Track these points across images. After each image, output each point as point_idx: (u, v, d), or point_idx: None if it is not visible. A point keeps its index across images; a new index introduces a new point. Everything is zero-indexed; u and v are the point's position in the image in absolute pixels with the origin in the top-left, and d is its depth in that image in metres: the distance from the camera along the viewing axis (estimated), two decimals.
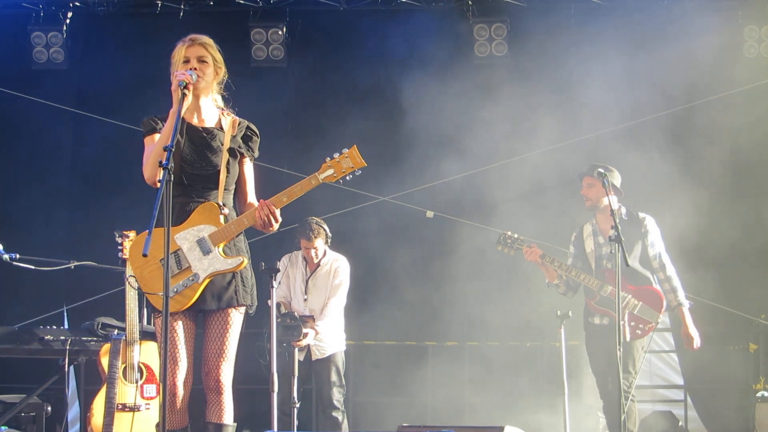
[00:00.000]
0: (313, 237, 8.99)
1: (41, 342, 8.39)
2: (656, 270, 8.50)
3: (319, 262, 9.16)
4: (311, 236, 8.99)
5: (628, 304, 8.34)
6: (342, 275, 9.16)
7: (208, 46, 5.78)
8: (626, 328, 8.36)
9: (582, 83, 10.75)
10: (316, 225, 9.04)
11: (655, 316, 8.36)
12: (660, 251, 8.53)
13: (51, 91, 11.19)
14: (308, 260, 9.17)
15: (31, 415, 8.75)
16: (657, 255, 8.51)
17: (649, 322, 8.35)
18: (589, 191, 8.54)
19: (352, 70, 11.42)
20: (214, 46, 5.81)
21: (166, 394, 5.14)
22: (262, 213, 5.58)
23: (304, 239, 9.04)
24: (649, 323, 8.35)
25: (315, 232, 9.00)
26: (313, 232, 8.99)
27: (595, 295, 8.45)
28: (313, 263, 9.16)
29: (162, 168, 5.01)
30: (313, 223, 9.05)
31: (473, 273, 11.06)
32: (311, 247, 9.04)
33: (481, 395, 10.84)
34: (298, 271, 9.19)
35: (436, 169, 11.13)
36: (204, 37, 5.81)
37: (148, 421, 7.76)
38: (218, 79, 5.85)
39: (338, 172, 5.65)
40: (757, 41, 11.03)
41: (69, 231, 11.43)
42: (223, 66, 5.83)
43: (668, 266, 8.51)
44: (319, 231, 9.03)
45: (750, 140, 10.81)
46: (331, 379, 9.10)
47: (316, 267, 9.17)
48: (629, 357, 8.36)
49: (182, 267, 5.57)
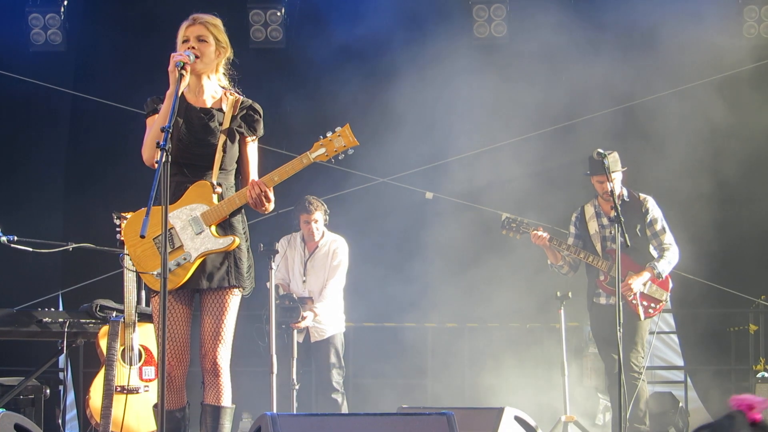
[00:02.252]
0: (313, 209, 9.01)
1: (39, 324, 8.37)
2: (658, 247, 8.53)
3: (318, 243, 9.16)
4: (311, 209, 9.00)
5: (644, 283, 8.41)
6: (341, 256, 9.16)
7: (210, 25, 5.71)
8: (639, 308, 8.39)
9: (581, 63, 10.72)
10: (315, 199, 9.07)
11: (664, 294, 8.45)
12: (662, 228, 8.55)
13: (48, 73, 11.16)
14: (307, 239, 9.16)
15: (29, 397, 8.74)
16: (658, 233, 8.53)
17: (659, 300, 8.46)
18: (603, 186, 8.44)
19: (351, 51, 11.38)
20: (218, 25, 5.74)
21: (164, 373, 5.12)
22: (253, 192, 5.56)
23: (304, 213, 9.05)
24: (660, 302, 8.46)
25: (314, 206, 9.02)
26: (312, 205, 9.01)
27: (605, 276, 8.46)
28: (313, 242, 9.15)
29: (160, 149, 4.98)
30: (311, 197, 9.07)
31: (473, 254, 11.04)
32: (311, 220, 9.05)
33: (481, 377, 10.83)
34: (296, 252, 9.19)
35: (436, 150, 11.11)
36: (206, 16, 5.74)
37: (147, 403, 7.75)
38: (222, 59, 5.80)
39: (330, 151, 5.63)
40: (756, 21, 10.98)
41: (67, 213, 11.41)
42: (227, 46, 5.77)
43: (671, 243, 8.54)
44: (318, 204, 9.06)
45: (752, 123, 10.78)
46: (331, 361, 9.11)
47: (314, 248, 9.16)
48: (638, 336, 8.40)
49: (174, 246, 5.54)
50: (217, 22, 5.75)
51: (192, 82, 5.68)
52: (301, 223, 9.15)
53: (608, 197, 8.36)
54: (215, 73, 5.81)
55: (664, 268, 8.48)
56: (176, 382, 5.66)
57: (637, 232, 8.46)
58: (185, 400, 5.74)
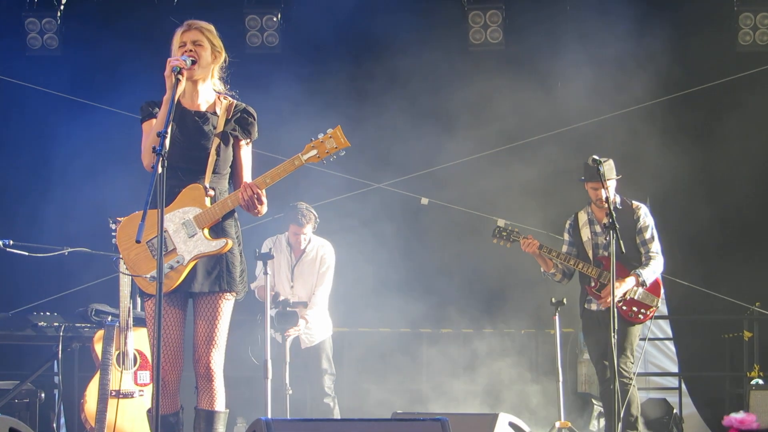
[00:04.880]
0: (305, 222, 8.98)
1: (35, 328, 8.39)
2: (645, 254, 8.54)
3: (305, 248, 9.15)
4: (303, 222, 8.97)
5: (629, 290, 8.40)
6: (329, 261, 9.16)
7: (205, 30, 5.77)
8: (628, 314, 8.40)
9: (577, 70, 10.74)
10: (307, 210, 9.03)
11: (654, 300, 8.45)
12: (651, 237, 8.57)
13: (45, 78, 11.15)
14: (294, 246, 9.14)
15: (24, 401, 8.75)
16: (647, 240, 8.55)
17: (649, 306, 8.45)
18: (597, 193, 8.46)
19: (347, 57, 11.39)
20: (212, 31, 5.80)
21: (159, 376, 5.13)
22: (245, 194, 5.58)
23: (295, 224, 9.02)
24: (650, 307, 8.44)
25: (306, 218, 8.99)
26: (305, 218, 8.98)
27: (595, 283, 8.48)
28: (299, 249, 9.14)
29: (155, 154, 5.00)
30: (304, 208, 9.03)
31: (468, 260, 11.05)
32: (300, 232, 9.03)
33: (476, 383, 10.83)
34: (282, 256, 9.16)
35: (431, 155, 11.11)
36: (201, 22, 5.81)
37: (141, 408, 7.76)
38: (217, 64, 5.83)
39: (321, 153, 5.64)
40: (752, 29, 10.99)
41: (63, 217, 11.39)
42: (222, 51, 5.82)
43: (657, 252, 8.55)
44: (309, 217, 9.03)
45: (745, 129, 10.79)
46: (323, 367, 9.15)
47: (301, 253, 9.15)
48: (627, 342, 8.40)
49: (168, 249, 5.55)
50: (211, 28, 5.81)
51: (188, 87, 5.71)
52: (289, 231, 9.13)
53: (602, 204, 8.36)
54: (211, 77, 5.84)
55: (648, 276, 8.48)
56: (170, 387, 5.67)
57: (628, 239, 8.45)
58: (179, 405, 5.75)
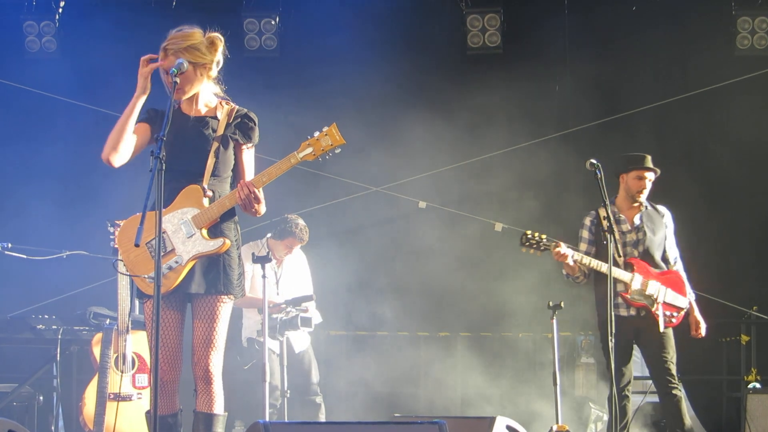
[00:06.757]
0: (306, 239, 9.11)
1: (33, 331, 8.39)
2: (668, 261, 8.46)
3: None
4: (304, 238, 9.11)
5: (659, 292, 8.24)
6: (306, 267, 9.44)
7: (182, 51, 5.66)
8: (660, 319, 8.22)
9: (575, 74, 10.75)
10: (306, 228, 9.12)
11: (684, 301, 8.35)
12: (675, 244, 8.54)
13: (43, 80, 11.15)
14: (277, 255, 9.20)
15: (23, 404, 8.75)
16: (675, 244, 8.52)
17: (680, 308, 8.30)
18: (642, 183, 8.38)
19: (345, 59, 11.39)
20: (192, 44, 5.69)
21: (158, 378, 5.14)
22: (241, 192, 5.60)
23: (295, 240, 9.11)
24: (681, 309, 8.30)
25: (306, 235, 9.12)
26: (306, 235, 9.10)
27: (628, 289, 8.28)
28: (281, 261, 9.23)
29: (153, 157, 5.03)
30: (302, 224, 9.13)
31: (465, 264, 11.05)
32: (296, 246, 9.15)
33: (473, 386, 10.84)
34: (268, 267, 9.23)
35: (429, 159, 11.12)
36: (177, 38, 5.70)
37: (140, 411, 7.76)
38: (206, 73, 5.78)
39: (317, 151, 5.68)
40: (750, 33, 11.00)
41: (61, 220, 11.39)
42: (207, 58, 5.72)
43: (679, 260, 8.53)
44: (306, 233, 9.13)
45: (744, 133, 10.80)
46: (313, 366, 9.36)
47: (281, 263, 9.25)
48: (669, 346, 8.25)
49: (167, 250, 5.58)
50: (189, 41, 5.69)
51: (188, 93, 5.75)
52: (282, 243, 9.17)
53: (639, 197, 8.34)
54: (208, 80, 5.85)
55: (689, 286, 8.48)
56: (168, 388, 5.69)
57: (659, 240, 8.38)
58: (177, 406, 5.76)
